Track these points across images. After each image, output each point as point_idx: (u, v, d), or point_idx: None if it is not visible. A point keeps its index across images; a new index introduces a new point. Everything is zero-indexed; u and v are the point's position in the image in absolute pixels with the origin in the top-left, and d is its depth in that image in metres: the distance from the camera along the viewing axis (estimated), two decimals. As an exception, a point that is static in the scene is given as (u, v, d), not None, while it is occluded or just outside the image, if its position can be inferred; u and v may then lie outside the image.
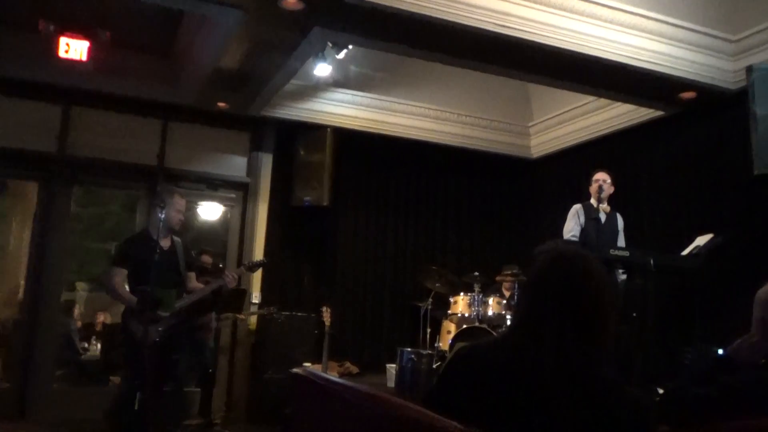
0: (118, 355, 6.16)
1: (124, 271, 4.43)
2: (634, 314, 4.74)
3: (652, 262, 4.51)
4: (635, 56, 5.03)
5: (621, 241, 5.30)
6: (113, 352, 6.93)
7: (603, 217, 5.22)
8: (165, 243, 4.53)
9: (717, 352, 4.56)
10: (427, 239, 7.72)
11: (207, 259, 6.26)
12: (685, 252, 4.91)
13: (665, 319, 5.70)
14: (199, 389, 6.01)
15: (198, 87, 6.11)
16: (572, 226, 5.29)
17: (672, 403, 3.77)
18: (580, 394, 1.39)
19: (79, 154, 6.36)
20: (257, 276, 6.78)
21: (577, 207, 5.36)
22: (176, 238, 4.65)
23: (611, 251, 4.63)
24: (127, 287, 4.44)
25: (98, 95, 6.33)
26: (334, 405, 1.55)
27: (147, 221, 6.08)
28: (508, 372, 1.44)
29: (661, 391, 4.30)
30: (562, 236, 5.28)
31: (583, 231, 5.19)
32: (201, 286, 4.73)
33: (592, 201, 5.30)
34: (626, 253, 4.69)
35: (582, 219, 5.25)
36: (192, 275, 4.76)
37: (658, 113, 6.15)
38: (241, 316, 6.33)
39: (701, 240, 4.93)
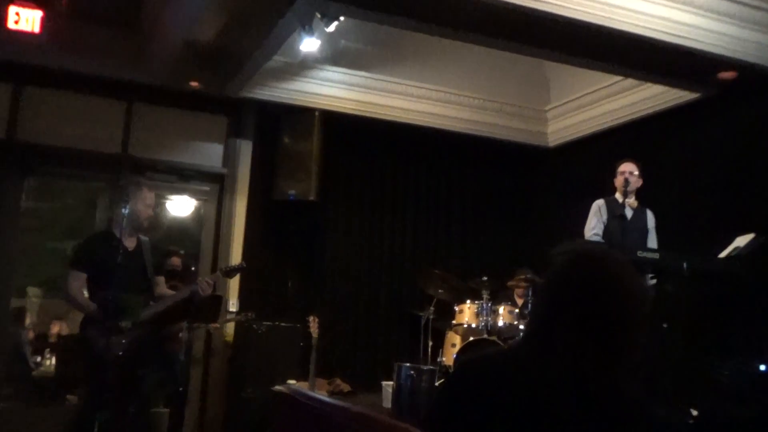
0: (75, 371, 6.15)
1: (84, 275, 4.42)
2: (665, 325, 4.75)
3: (685, 265, 4.52)
4: (667, 30, 5.03)
5: (652, 242, 5.30)
6: (70, 366, 6.91)
7: (629, 213, 5.22)
8: (130, 243, 4.52)
9: (758, 367, 4.58)
10: (428, 239, 7.72)
11: (176, 261, 6.25)
12: (723, 254, 4.92)
13: (700, 330, 5.71)
14: (167, 409, 6.00)
15: (167, 64, 6.09)
16: (594, 224, 5.30)
17: (707, 427, 3.79)
18: (600, 416, 1.39)
19: (31, 140, 6.33)
20: (235, 281, 6.77)
21: (599, 203, 5.37)
22: (143, 238, 4.64)
23: (639, 253, 4.63)
24: (86, 293, 4.43)
25: (53, 73, 6.31)
26: (322, 428, 1.54)
27: (110, 218, 6.06)
28: (517, 389, 1.43)
29: (695, 412, 4.31)
30: (582, 236, 5.29)
31: (607, 230, 5.20)
32: (171, 292, 4.72)
33: (617, 196, 5.30)
34: (656, 256, 4.69)
35: (605, 216, 5.26)
36: (161, 280, 4.75)
37: (693, 96, 6.16)
38: (216, 325, 6.32)
39: (741, 240, 4.93)
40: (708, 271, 4.83)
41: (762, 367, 4.55)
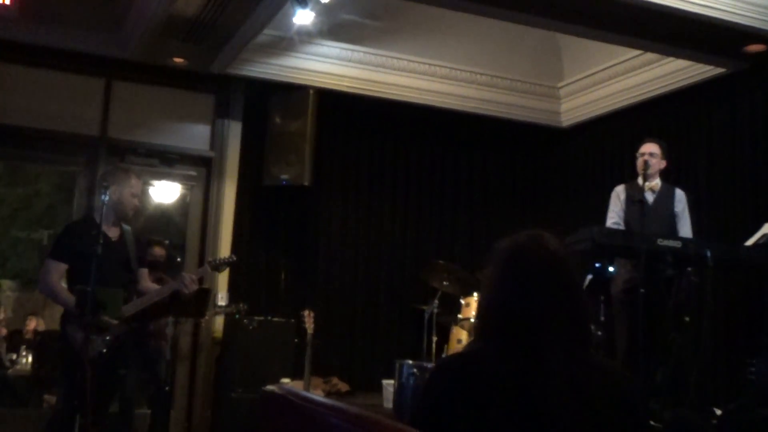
0: (53, 370, 6.17)
1: (64, 266, 4.41)
2: (687, 319, 4.76)
3: (709, 254, 4.52)
4: None
5: (683, 226, 5.25)
6: (48, 365, 6.93)
7: (651, 198, 5.22)
8: (113, 233, 4.51)
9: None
10: (432, 227, 7.72)
11: (158, 250, 6.24)
12: (750, 242, 4.92)
13: (726, 324, 5.72)
14: (149, 411, 6.03)
15: (148, 38, 6.06)
16: (613, 212, 5.30)
17: (733, 426, 3.81)
18: (586, 388, 1.58)
19: (1, 121, 6.32)
20: (223, 273, 6.76)
21: (618, 189, 5.37)
22: (126, 227, 4.63)
23: (659, 241, 4.63)
24: (65, 286, 4.42)
25: (25, 48, 6.29)
26: (317, 431, 1.54)
27: (90, 205, 6.06)
28: (501, 381, 1.58)
29: (718, 412, 4.33)
30: (600, 222, 5.29)
31: (626, 217, 5.20)
32: (155, 286, 4.71)
33: (639, 180, 5.30)
34: (678, 244, 4.69)
35: (624, 203, 5.26)
36: (144, 272, 4.74)
37: (719, 71, 6.14)
38: (205, 318, 6.34)
39: (770, 227, 4.94)
40: (734, 261, 4.83)
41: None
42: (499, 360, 1.62)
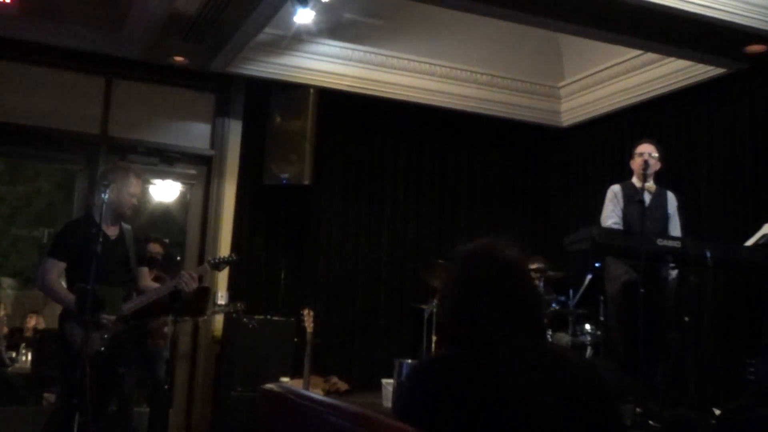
0: (53, 368, 6.16)
1: (63, 265, 4.41)
2: (687, 319, 4.76)
3: (708, 254, 4.52)
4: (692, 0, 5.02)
5: (674, 227, 5.28)
6: (47, 363, 6.93)
7: (648, 198, 5.22)
8: (112, 231, 4.51)
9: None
10: (432, 226, 7.72)
11: (155, 247, 6.23)
12: (750, 242, 4.92)
13: (725, 324, 5.72)
14: (148, 409, 6.03)
15: (149, 36, 6.06)
16: (610, 213, 5.30)
17: (731, 427, 3.80)
18: (554, 377, 1.66)
19: (1, 119, 6.32)
20: (223, 272, 6.76)
21: (615, 188, 5.37)
22: (125, 226, 4.63)
23: (659, 241, 4.64)
24: (64, 284, 4.43)
25: (26, 46, 6.29)
26: (316, 429, 1.55)
27: (89, 203, 6.05)
28: (466, 382, 1.65)
29: (718, 412, 4.33)
30: (598, 223, 5.29)
31: (625, 217, 5.20)
32: (155, 284, 4.71)
33: (634, 180, 5.29)
34: (677, 244, 4.69)
35: (622, 202, 5.26)
36: (144, 271, 4.74)
37: (719, 71, 6.14)
38: (204, 318, 6.34)
39: (770, 228, 4.94)
40: (734, 261, 4.83)
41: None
42: (462, 363, 1.70)
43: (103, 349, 4.28)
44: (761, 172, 5.85)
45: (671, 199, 5.37)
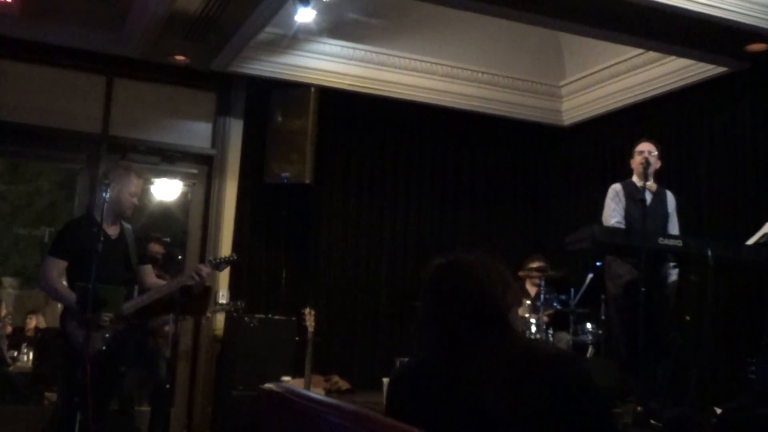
0: (54, 367, 6.17)
1: (63, 263, 4.41)
2: (688, 318, 4.76)
3: (710, 253, 4.52)
4: (693, -2, 5.02)
5: (673, 227, 5.30)
6: (48, 362, 6.94)
7: (649, 197, 5.22)
8: (113, 230, 4.52)
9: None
10: (432, 226, 7.72)
11: (157, 248, 6.24)
12: (751, 241, 4.92)
13: (726, 323, 5.72)
14: (150, 409, 6.03)
15: (150, 35, 6.06)
16: (612, 211, 5.30)
17: (732, 426, 3.80)
18: (525, 372, 1.69)
19: (2, 118, 6.31)
20: (225, 270, 6.76)
21: (616, 187, 5.37)
22: (126, 225, 4.64)
23: (660, 240, 4.64)
24: (65, 283, 4.43)
25: (27, 46, 6.28)
26: (316, 428, 1.55)
27: (90, 203, 6.05)
28: (437, 386, 1.74)
29: (718, 411, 4.33)
30: (599, 222, 5.29)
31: (626, 216, 5.20)
32: (160, 281, 4.72)
33: (635, 179, 5.29)
34: (679, 243, 4.69)
35: (624, 201, 5.26)
36: (148, 269, 4.74)
37: (720, 70, 6.13)
38: (207, 315, 6.33)
39: (771, 227, 4.94)
40: (735, 260, 4.83)
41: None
42: (433, 367, 1.81)
43: (104, 348, 4.28)
44: (762, 171, 5.84)
45: (670, 198, 5.39)
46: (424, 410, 1.72)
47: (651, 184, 5.26)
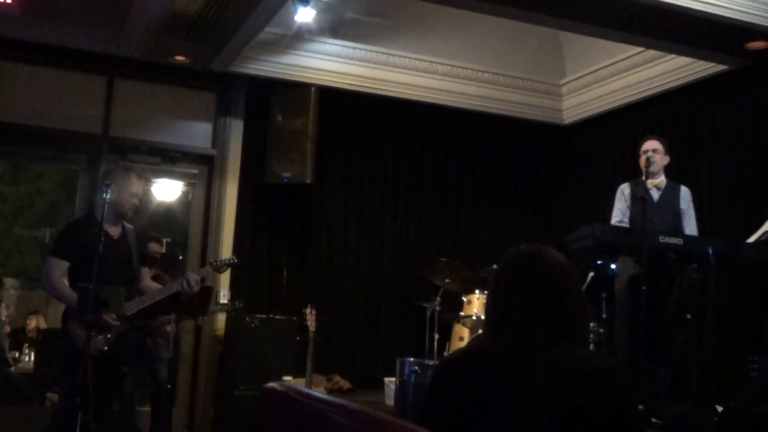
0: (55, 368, 6.17)
1: (65, 264, 4.42)
2: (689, 316, 4.75)
3: (710, 251, 4.52)
4: (693, -4, 5.02)
5: (689, 224, 5.24)
6: (50, 363, 6.94)
7: (656, 194, 5.22)
8: (114, 231, 4.52)
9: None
10: (434, 225, 7.72)
11: (155, 247, 6.24)
12: (752, 239, 4.91)
13: (728, 321, 5.72)
14: (150, 409, 6.04)
15: (150, 36, 6.06)
16: (616, 211, 5.31)
17: (733, 423, 3.81)
18: (570, 384, 1.65)
19: (2, 119, 6.32)
20: (225, 271, 6.77)
21: (622, 187, 5.38)
22: (128, 225, 4.64)
23: (660, 238, 4.63)
24: (67, 284, 4.43)
25: (26, 46, 6.29)
26: (318, 427, 1.55)
27: (91, 203, 6.06)
28: (496, 381, 1.69)
29: (720, 408, 4.33)
30: (601, 220, 5.29)
31: (631, 214, 5.20)
32: (155, 285, 4.72)
33: (644, 177, 5.30)
34: (679, 241, 4.69)
35: (629, 200, 5.26)
36: (146, 270, 4.76)
37: (721, 68, 6.13)
38: (208, 316, 6.34)
39: (772, 224, 4.94)
40: (736, 258, 4.82)
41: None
42: (493, 356, 1.74)
43: (106, 348, 4.29)
44: (763, 169, 5.84)
45: (684, 194, 5.32)
46: (464, 405, 1.70)
47: (659, 181, 5.26)
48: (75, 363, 4.22)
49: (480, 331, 5.96)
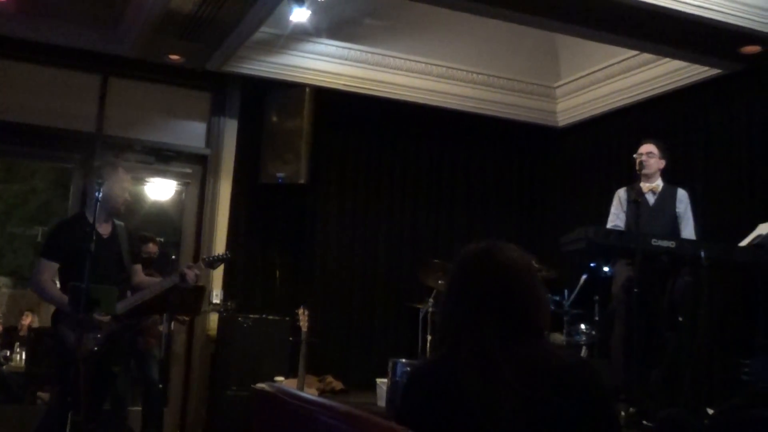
0: (47, 367, 6.15)
1: (55, 265, 4.40)
2: (681, 319, 4.76)
3: (703, 254, 4.52)
4: (687, 0, 5.02)
5: (686, 227, 5.25)
6: (42, 362, 6.92)
7: (651, 198, 5.23)
8: (104, 229, 4.50)
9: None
10: (428, 226, 7.72)
11: (152, 247, 6.23)
12: (745, 242, 4.92)
13: (720, 325, 5.73)
14: (141, 408, 6.03)
15: (145, 35, 6.05)
16: (611, 214, 5.33)
17: (724, 427, 3.81)
18: (538, 380, 1.63)
19: (-3, 117, 6.31)
20: (218, 270, 6.76)
21: (619, 192, 5.41)
22: (118, 223, 4.62)
23: (653, 241, 4.64)
24: (58, 284, 4.41)
25: (20, 44, 6.27)
26: (308, 429, 1.54)
27: (83, 202, 6.04)
28: (465, 386, 1.66)
29: (711, 412, 4.33)
30: (596, 222, 5.30)
31: (627, 218, 5.21)
32: (150, 279, 4.70)
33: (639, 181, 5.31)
34: (672, 244, 4.69)
35: (624, 204, 5.27)
36: (138, 268, 4.74)
37: (715, 71, 6.15)
38: (200, 315, 6.33)
39: (765, 228, 4.94)
40: (728, 261, 4.83)
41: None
42: (458, 361, 1.70)
43: (96, 348, 4.27)
44: (756, 172, 5.86)
45: (681, 197, 5.33)
46: (436, 414, 1.69)
47: (655, 185, 5.28)
48: (66, 363, 4.21)
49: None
